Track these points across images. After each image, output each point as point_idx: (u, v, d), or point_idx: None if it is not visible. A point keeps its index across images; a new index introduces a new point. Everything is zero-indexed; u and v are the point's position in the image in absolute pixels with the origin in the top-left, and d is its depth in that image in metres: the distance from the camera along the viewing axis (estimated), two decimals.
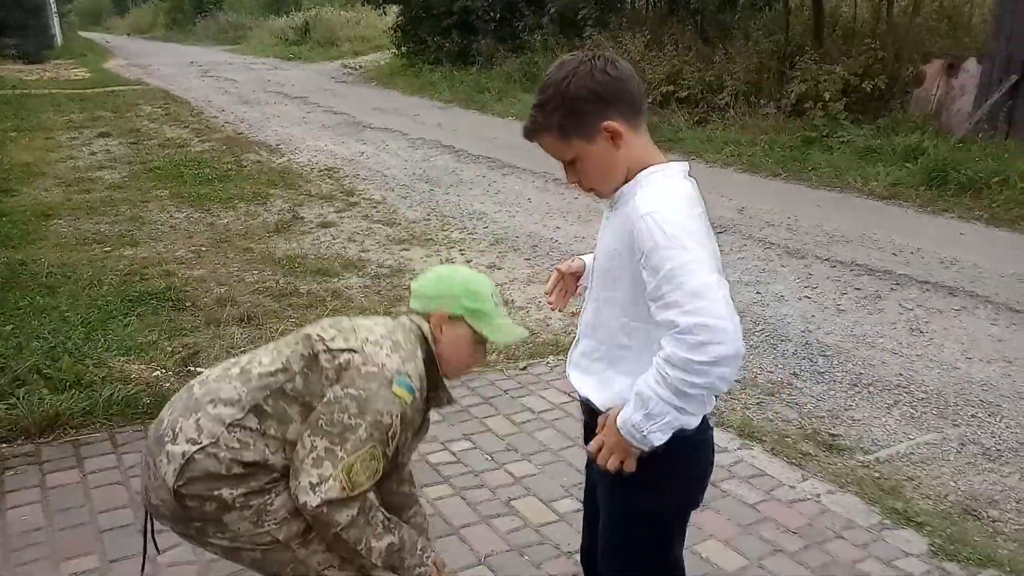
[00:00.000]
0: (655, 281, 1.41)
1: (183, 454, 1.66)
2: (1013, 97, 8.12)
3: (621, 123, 1.50)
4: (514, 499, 2.87)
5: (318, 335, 1.76)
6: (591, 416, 1.66)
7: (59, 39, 23.86)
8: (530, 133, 1.56)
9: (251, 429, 1.70)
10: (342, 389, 1.67)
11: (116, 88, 14.97)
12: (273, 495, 1.72)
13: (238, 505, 1.69)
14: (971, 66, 8.67)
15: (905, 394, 3.80)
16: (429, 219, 6.63)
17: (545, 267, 5.49)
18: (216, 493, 1.67)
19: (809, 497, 2.93)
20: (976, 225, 6.52)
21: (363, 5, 20.27)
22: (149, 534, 1.88)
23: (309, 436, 1.67)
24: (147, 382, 3.51)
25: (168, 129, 10.46)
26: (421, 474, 2.94)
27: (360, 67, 19.11)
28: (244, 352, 2.02)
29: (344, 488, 1.64)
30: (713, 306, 1.36)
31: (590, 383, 1.67)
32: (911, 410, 3.67)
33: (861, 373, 4.00)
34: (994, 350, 4.26)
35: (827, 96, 9.18)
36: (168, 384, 3.52)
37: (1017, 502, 2.98)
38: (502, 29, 15.24)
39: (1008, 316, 4.69)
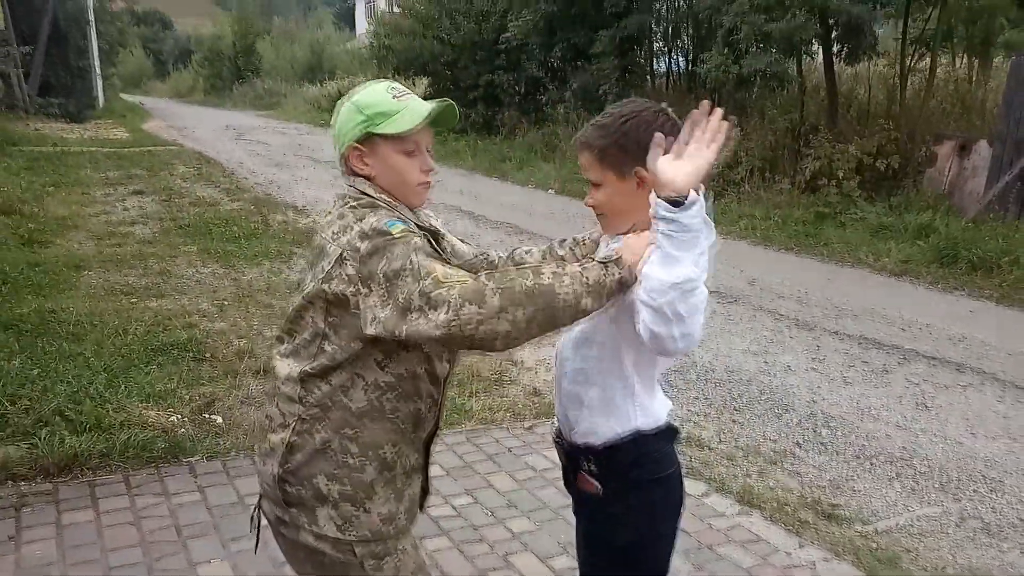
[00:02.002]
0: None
1: (280, 440, 1.62)
2: (1023, 179, 8.26)
3: None
4: (511, 555, 2.93)
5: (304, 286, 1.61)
6: (571, 459, 1.75)
7: (101, 100, 24.87)
8: (579, 142, 1.68)
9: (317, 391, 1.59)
10: (358, 275, 1.48)
11: (152, 148, 15.56)
12: (365, 504, 1.62)
13: (331, 500, 1.60)
14: (982, 148, 8.84)
15: (907, 467, 3.82)
16: None
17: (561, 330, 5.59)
18: (315, 481, 1.59)
19: (805, 564, 2.96)
20: (986, 303, 6.57)
21: (393, 76, 21.00)
22: (256, 524, 1.80)
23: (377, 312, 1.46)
24: (163, 428, 3.63)
25: (200, 188, 10.84)
26: (420, 527, 3.00)
27: None
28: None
29: (441, 285, 1.40)
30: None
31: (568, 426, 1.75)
32: (913, 483, 3.68)
33: (864, 445, 4.03)
34: (999, 427, 4.28)
35: (841, 174, 9.37)
36: (183, 430, 3.64)
37: None
38: (526, 102, 15.75)
39: (1014, 393, 4.71)
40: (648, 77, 14.46)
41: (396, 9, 19.92)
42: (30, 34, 19.76)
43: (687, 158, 1.42)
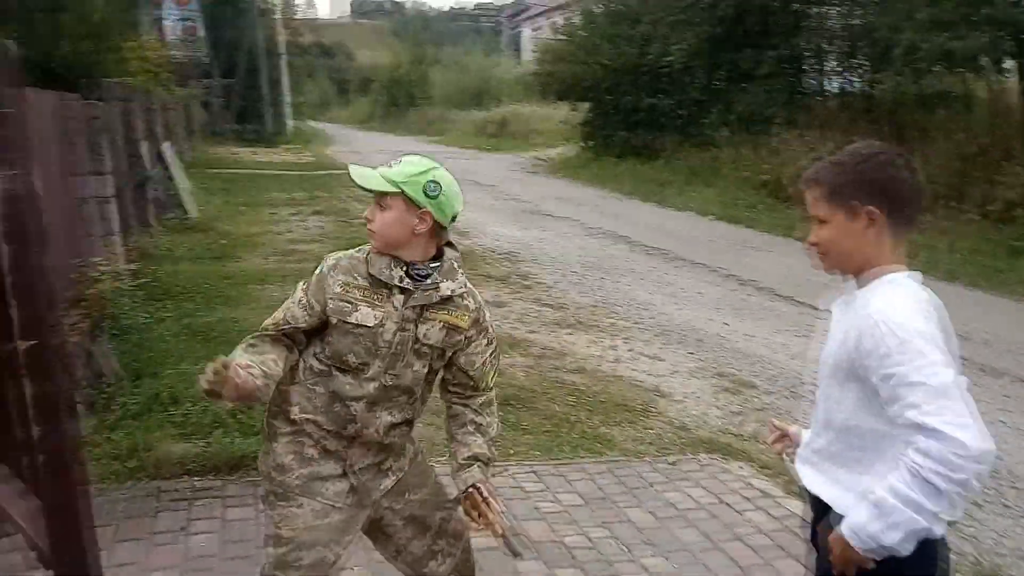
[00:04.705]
0: (889, 386, 1.46)
1: None
2: None
3: (886, 219, 1.58)
4: None
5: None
6: (820, 512, 1.69)
7: (290, 127, 27.10)
8: (807, 178, 1.66)
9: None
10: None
11: (333, 172, 16.71)
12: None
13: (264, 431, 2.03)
14: None
15: None
16: (597, 306, 6.77)
17: (709, 362, 5.42)
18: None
19: None
20: None
21: (555, 102, 21.35)
22: None
23: None
24: None
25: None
26: (554, 556, 2.99)
27: (550, 159, 20.01)
28: None
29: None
30: (954, 405, 1.39)
31: (821, 480, 1.70)
32: None
33: None
34: None
35: None
36: None
37: None
38: (688, 126, 15.47)
39: None
40: (819, 99, 13.77)
41: (560, 36, 20.27)
42: (230, 67, 21.93)
43: None
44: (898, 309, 1.50)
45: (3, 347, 2.25)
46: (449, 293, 1.92)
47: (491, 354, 2.04)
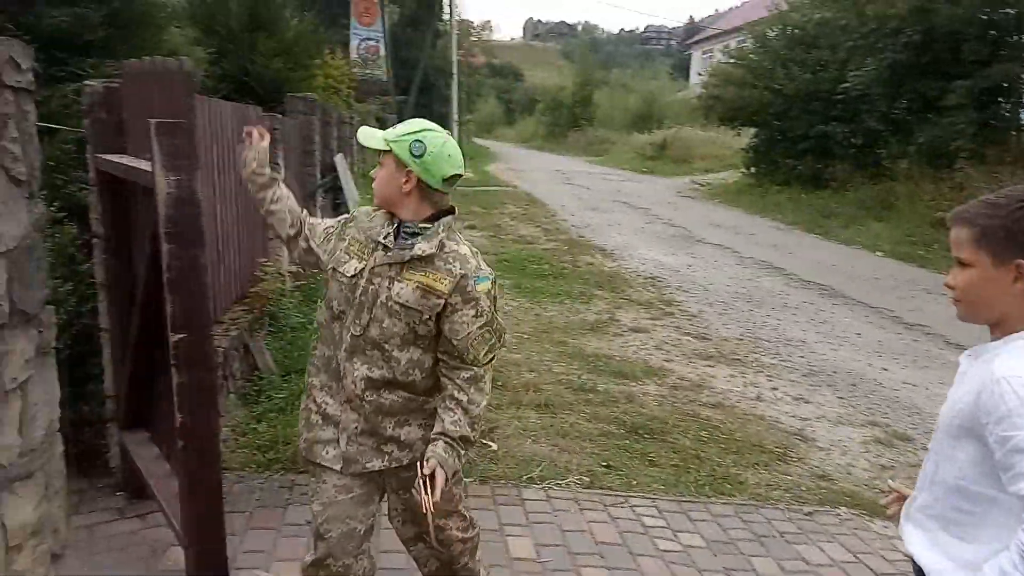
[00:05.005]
0: (1005, 450, 1.34)
1: None
2: None
3: None
4: None
5: None
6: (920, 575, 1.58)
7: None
8: (957, 214, 1.55)
9: None
10: None
11: (490, 188, 17.20)
12: None
13: None
14: None
15: None
16: (742, 339, 6.49)
17: (861, 409, 5.05)
18: None
19: None
20: None
21: (719, 126, 20.83)
22: None
23: None
24: None
25: (523, 227, 11.70)
26: None
27: (707, 184, 19.54)
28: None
29: None
30: None
31: (921, 540, 1.58)
32: None
33: None
34: None
35: None
36: None
37: None
38: (861, 155, 14.57)
39: None
40: (1013, 133, 12.52)
41: (731, 59, 19.77)
42: (407, 85, 23.12)
43: None
44: None
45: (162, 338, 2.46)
46: (421, 253, 1.98)
47: (479, 327, 2.00)
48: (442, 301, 1.99)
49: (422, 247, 1.98)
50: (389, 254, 2.00)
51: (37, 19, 4.03)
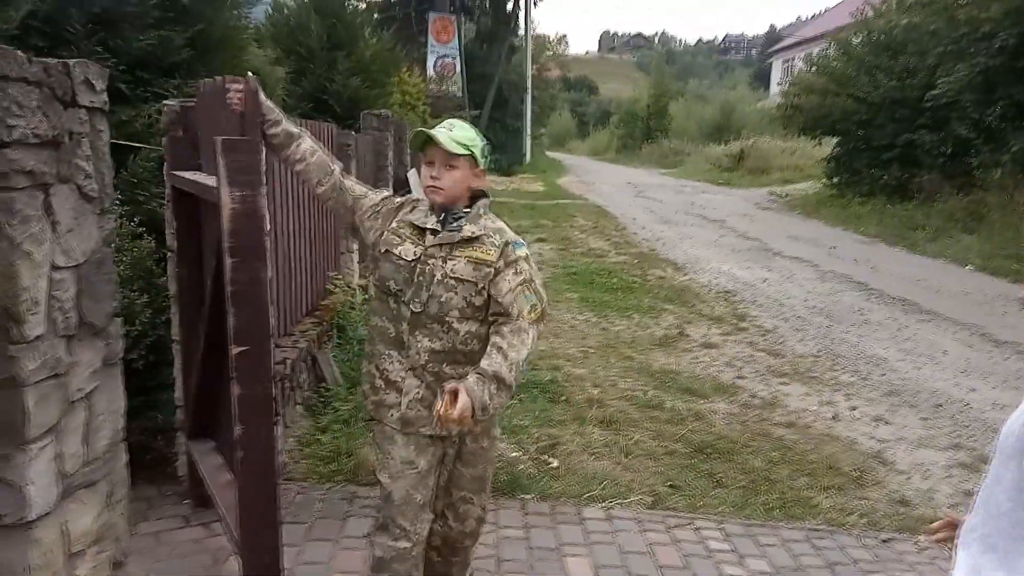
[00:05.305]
0: None
1: None
2: None
3: None
4: None
5: None
6: None
7: (528, 156, 28.25)
8: None
9: None
10: None
11: (560, 201, 17.15)
12: None
13: None
14: None
15: None
16: (819, 356, 6.26)
17: (945, 431, 4.79)
18: None
19: None
20: None
21: (799, 136, 20.25)
22: None
23: None
24: (507, 461, 3.91)
25: (592, 240, 11.62)
26: None
27: (786, 195, 19.00)
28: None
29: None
30: None
31: (963, 562, 1.48)
32: None
33: None
34: None
35: None
36: (522, 466, 3.87)
37: None
38: (951, 165, 13.89)
39: None
40: None
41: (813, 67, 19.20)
42: (481, 100, 23.38)
43: None
44: None
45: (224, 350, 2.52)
46: (469, 235, 2.24)
47: (520, 283, 2.21)
48: (491, 269, 2.22)
49: (470, 228, 2.25)
50: (439, 236, 2.25)
51: (125, 42, 4.22)
